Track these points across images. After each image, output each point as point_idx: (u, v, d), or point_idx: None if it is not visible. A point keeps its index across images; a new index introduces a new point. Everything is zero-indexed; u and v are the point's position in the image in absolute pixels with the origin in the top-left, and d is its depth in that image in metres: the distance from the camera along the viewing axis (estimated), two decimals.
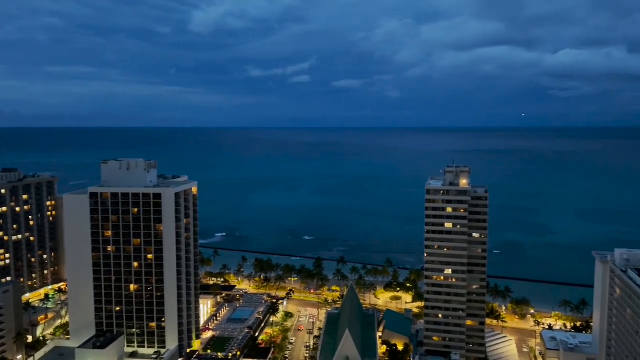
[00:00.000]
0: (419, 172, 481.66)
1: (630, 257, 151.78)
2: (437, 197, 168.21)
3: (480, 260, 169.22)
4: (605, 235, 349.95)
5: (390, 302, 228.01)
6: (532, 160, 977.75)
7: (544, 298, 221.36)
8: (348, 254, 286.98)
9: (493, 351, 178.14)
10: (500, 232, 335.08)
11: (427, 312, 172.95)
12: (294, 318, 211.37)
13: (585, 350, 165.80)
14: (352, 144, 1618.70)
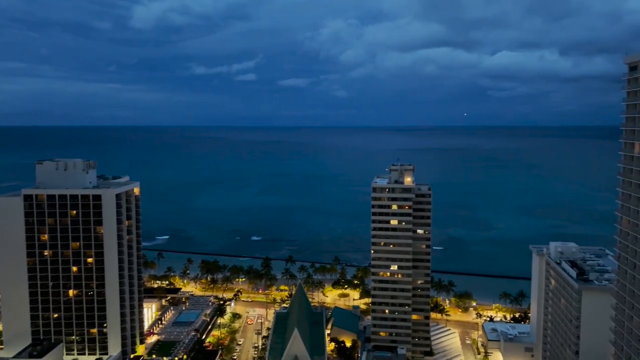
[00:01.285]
0: (366, 170, 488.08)
1: (563, 249, 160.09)
2: (382, 194, 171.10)
3: (425, 255, 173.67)
4: (541, 229, 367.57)
5: (339, 299, 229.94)
6: (472, 158, 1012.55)
7: (485, 291, 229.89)
8: (296, 253, 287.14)
9: (438, 344, 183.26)
10: (443, 228, 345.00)
11: (374, 308, 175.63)
12: (242, 319, 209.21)
13: (524, 339, 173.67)
14: (300, 142, 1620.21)
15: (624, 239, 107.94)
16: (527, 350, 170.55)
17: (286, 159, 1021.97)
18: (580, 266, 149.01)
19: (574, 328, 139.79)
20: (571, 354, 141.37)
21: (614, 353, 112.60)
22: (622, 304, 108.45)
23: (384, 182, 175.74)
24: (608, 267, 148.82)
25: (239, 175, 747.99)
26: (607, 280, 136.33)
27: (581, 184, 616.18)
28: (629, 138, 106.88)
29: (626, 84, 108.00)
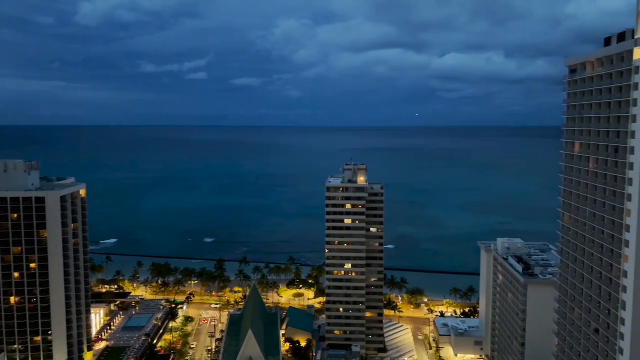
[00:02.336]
0: (319, 170, 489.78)
1: (510, 245, 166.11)
2: (336, 194, 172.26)
3: (378, 253, 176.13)
4: (488, 226, 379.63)
5: (293, 299, 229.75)
6: (423, 158, 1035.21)
7: (436, 287, 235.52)
8: (250, 254, 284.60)
9: (391, 341, 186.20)
10: (395, 226, 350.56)
11: (329, 306, 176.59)
12: (194, 322, 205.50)
13: (473, 333, 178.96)
14: (253, 142, 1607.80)
15: (566, 234, 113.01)
16: (477, 344, 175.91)
17: (239, 159, 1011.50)
18: (526, 261, 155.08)
19: (521, 321, 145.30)
20: (518, 346, 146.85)
21: (557, 344, 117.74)
22: (565, 296, 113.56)
23: (338, 181, 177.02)
24: (552, 261, 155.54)
25: (190, 175, 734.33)
26: (551, 274, 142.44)
27: (526, 182, 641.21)
28: (569, 138, 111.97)
29: (567, 86, 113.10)
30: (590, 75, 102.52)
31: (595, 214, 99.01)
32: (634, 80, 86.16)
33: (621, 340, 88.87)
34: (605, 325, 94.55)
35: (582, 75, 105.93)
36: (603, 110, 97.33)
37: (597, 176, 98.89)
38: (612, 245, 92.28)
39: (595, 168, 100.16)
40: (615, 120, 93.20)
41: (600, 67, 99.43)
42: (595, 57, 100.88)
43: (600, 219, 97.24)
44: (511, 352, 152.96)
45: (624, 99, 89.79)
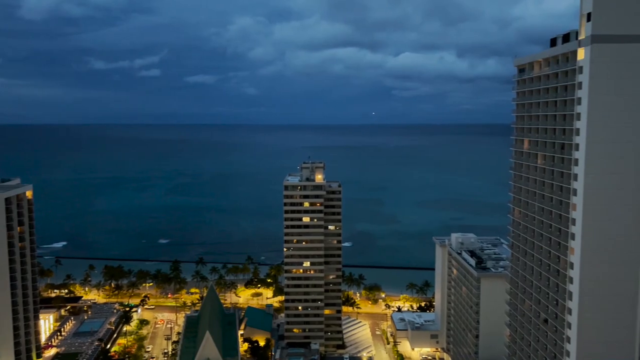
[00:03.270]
0: (277, 168, 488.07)
1: (464, 240, 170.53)
2: (294, 192, 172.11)
3: (336, 251, 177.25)
4: (443, 221, 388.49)
5: (252, 299, 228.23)
6: (380, 155, 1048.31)
7: (393, 282, 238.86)
8: (207, 255, 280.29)
9: (349, 337, 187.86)
10: (353, 224, 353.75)
11: (287, 305, 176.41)
12: (150, 325, 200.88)
13: (429, 327, 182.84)
14: (209, 140, 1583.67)
15: (516, 228, 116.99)
16: (433, 337, 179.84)
17: (194, 157, 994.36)
18: (479, 255, 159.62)
19: (474, 313, 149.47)
20: (472, 338, 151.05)
21: (509, 334, 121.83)
22: (516, 288, 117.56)
23: (296, 179, 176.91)
24: (503, 255, 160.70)
25: (143, 175, 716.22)
26: (503, 268, 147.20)
27: (479, 178, 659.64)
28: (519, 135, 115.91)
29: (516, 85, 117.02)
30: (538, 74, 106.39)
31: (544, 208, 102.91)
32: (577, 80, 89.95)
33: (568, 329, 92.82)
34: (554, 315, 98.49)
35: (530, 75, 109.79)
36: (550, 109, 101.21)
37: (545, 172, 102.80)
38: (559, 238, 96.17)
39: (543, 164, 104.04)
40: (561, 118, 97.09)
41: (546, 67, 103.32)
42: (542, 57, 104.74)
43: (548, 213, 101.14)
44: (466, 344, 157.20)
45: (568, 97, 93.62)
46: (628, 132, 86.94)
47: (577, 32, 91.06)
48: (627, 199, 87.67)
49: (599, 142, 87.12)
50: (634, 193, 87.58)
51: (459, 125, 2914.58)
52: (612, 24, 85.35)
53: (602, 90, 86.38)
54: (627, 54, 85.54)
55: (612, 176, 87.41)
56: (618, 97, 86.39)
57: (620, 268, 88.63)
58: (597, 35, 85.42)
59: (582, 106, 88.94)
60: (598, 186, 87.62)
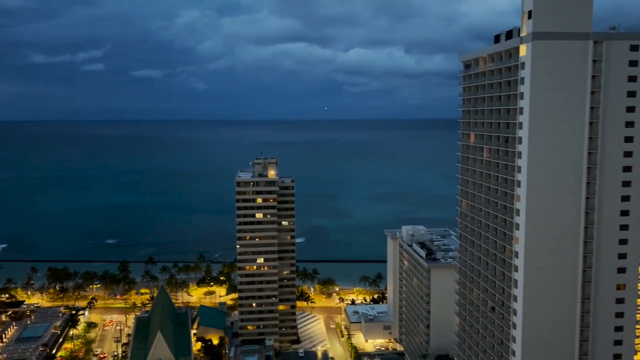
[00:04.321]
0: (229, 164, 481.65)
1: (414, 232, 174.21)
2: (247, 188, 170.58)
3: (290, 246, 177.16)
4: (394, 214, 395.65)
5: (204, 297, 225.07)
6: (332, 150, 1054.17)
7: (346, 276, 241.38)
8: (157, 254, 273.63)
9: (304, 331, 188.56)
10: (306, 219, 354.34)
11: (241, 302, 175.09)
12: (98, 328, 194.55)
13: (382, 319, 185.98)
14: (157, 136, 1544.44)
15: (463, 219, 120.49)
16: (386, 328, 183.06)
17: (142, 154, 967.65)
18: (429, 247, 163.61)
19: (425, 304, 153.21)
20: (423, 328, 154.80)
21: (459, 323, 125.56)
22: (464, 278, 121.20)
23: (248, 176, 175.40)
24: (452, 246, 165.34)
25: (88, 173, 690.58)
26: (452, 258, 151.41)
27: (428, 171, 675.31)
28: (465, 129, 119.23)
29: (462, 80, 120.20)
30: (483, 70, 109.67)
31: (490, 199, 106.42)
32: (520, 75, 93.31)
33: (514, 316, 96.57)
34: (500, 303, 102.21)
35: (475, 70, 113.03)
36: (494, 103, 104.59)
37: (491, 165, 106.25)
38: (505, 228, 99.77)
39: (488, 157, 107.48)
40: (505, 112, 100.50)
41: (491, 63, 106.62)
42: (486, 53, 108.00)
43: (494, 205, 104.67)
44: (417, 334, 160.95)
45: (512, 92, 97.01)
46: (567, 126, 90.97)
47: (520, 29, 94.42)
48: (568, 190, 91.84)
49: (540, 135, 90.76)
50: (574, 184, 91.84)
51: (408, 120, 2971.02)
52: (551, 21, 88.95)
53: (543, 86, 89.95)
54: (566, 51, 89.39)
55: (554, 168, 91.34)
56: (558, 92, 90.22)
57: (562, 256, 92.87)
58: (537, 32, 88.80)
59: (524, 101, 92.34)
60: (540, 178, 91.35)
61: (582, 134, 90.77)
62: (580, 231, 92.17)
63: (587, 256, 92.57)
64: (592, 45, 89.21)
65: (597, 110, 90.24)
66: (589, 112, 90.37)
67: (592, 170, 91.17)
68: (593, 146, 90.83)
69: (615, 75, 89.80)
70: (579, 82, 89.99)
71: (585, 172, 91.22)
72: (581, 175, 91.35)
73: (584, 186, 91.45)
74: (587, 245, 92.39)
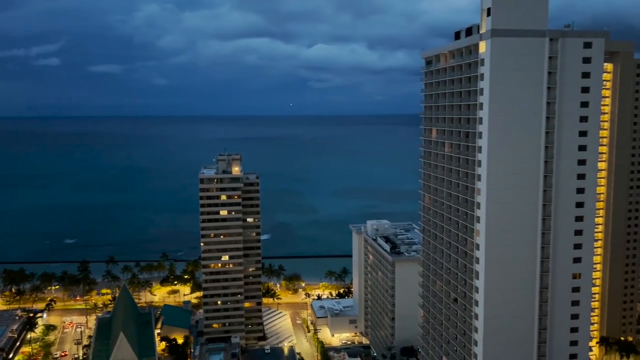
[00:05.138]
0: (192, 161, 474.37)
1: (378, 226, 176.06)
2: (210, 185, 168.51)
3: (255, 243, 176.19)
4: (359, 209, 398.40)
5: (168, 296, 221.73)
6: (297, 146, 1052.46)
7: (312, 271, 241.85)
8: (119, 254, 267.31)
9: (270, 328, 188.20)
10: (271, 215, 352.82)
11: (206, 300, 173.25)
12: (57, 330, 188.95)
13: (348, 313, 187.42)
14: (117, 133, 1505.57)
15: (426, 213, 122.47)
16: (352, 322, 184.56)
17: (102, 151, 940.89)
18: (393, 241, 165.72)
19: (390, 297, 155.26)
20: (388, 321, 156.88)
21: (423, 315, 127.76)
22: (427, 270, 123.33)
23: (212, 172, 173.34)
24: (415, 239, 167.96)
25: (44, 172, 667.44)
26: (415, 252, 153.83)
27: (392, 166, 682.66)
28: (427, 124, 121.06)
29: (424, 77, 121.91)
30: (444, 66, 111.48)
31: (451, 193, 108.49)
32: (480, 71, 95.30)
33: (476, 307, 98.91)
34: (462, 294, 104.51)
35: (437, 67, 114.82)
36: (455, 99, 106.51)
37: (452, 159, 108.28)
38: (466, 221, 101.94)
39: (450, 152, 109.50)
40: (465, 108, 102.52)
41: (452, 59, 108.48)
42: (447, 49, 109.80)
43: (455, 198, 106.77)
44: (383, 327, 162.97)
45: (472, 88, 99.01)
46: (525, 121, 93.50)
47: (479, 26, 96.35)
48: (526, 183, 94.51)
49: (499, 130, 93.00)
50: (532, 177, 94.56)
51: (372, 115, 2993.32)
52: (509, 19, 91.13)
53: (501, 81, 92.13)
54: (524, 48, 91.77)
55: (512, 162, 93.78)
56: (516, 87, 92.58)
57: (521, 248, 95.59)
58: (496, 29, 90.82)
59: (484, 96, 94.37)
60: (499, 172, 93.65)
61: (539, 129, 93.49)
62: (538, 223, 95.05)
63: (544, 247, 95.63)
64: (548, 42, 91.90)
65: (553, 105, 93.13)
66: (545, 107, 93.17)
67: (549, 163, 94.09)
68: (550, 140, 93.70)
69: (569, 71, 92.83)
70: (536, 78, 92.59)
71: (543, 166, 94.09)
72: (538, 168, 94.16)
73: (541, 179, 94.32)
74: (545, 237, 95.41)
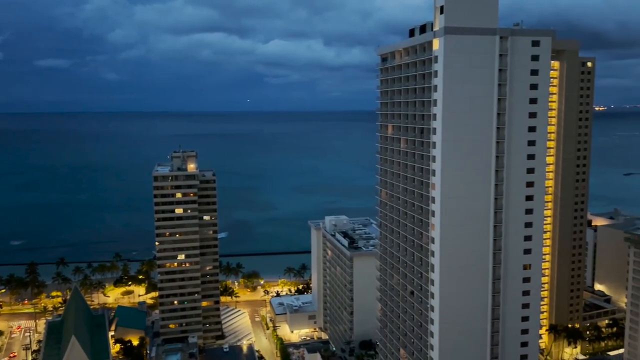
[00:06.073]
0: (145, 158, 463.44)
1: (337, 222, 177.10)
2: (165, 183, 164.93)
3: (212, 241, 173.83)
4: (318, 205, 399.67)
5: (122, 297, 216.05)
6: (254, 143, 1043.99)
7: (271, 268, 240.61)
8: (69, 255, 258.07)
9: (229, 326, 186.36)
10: (229, 213, 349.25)
11: (162, 300, 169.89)
12: (4, 335, 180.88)
13: (307, 309, 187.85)
14: (66, 130, 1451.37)
15: (383, 208, 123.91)
16: (311, 318, 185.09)
17: (50, 149, 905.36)
18: (351, 236, 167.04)
19: (349, 292, 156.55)
20: (347, 315, 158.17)
21: (380, 309, 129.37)
22: (385, 265, 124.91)
23: (166, 170, 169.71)
24: (373, 234, 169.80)
25: None
26: (373, 246, 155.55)
27: (350, 162, 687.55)
28: (383, 121, 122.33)
29: (379, 73, 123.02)
30: (399, 63, 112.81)
31: (407, 188, 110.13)
32: (434, 69, 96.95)
33: (432, 299, 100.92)
34: (419, 287, 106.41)
35: (392, 64, 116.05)
36: (410, 96, 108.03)
37: (407, 155, 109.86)
38: (422, 215, 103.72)
39: (405, 148, 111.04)
40: (420, 104, 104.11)
41: (406, 56, 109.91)
42: (402, 46, 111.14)
43: (411, 193, 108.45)
44: (341, 321, 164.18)
45: (426, 85, 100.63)
46: (478, 117, 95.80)
47: (433, 23, 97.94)
48: (479, 178, 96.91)
49: (452, 126, 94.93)
50: (484, 172, 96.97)
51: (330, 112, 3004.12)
52: (462, 17, 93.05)
53: (454, 78, 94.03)
54: (476, 45, 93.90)
55: (465, 157, 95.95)
56: (468, 84, 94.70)
57: (475, 240, 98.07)
58: (449, 27, 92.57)
59: (437, 93, 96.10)
60: (453, 167, 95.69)
61: (490, 125, 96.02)
62: (491, 216, 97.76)
63: (496, 239, 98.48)
64: (499, 40, 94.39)
65: (504, 102, 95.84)
66: (496, 103, 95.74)
67: (500, 158, 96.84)
68: (501, 136, 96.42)
69: (519, 68, 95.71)
70: (488, 75, 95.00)
71: (494, 161, 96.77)
72: (490, 163, 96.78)
73: (493, 174, 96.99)
74: (497, 229, 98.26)
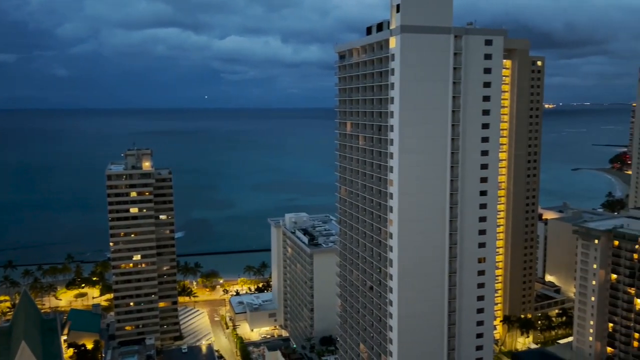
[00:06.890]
0: (97, 157, 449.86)
1: (297, 219, 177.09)
2: (119, 182, 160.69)
3: (169, 241, 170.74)
4: (277, 203, 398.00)
5: (75, 300, 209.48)
6: (212, 140, 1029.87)
7: (230, 267, 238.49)
8: (18, 257, 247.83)
9: (187, 327, 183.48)
10: (186, 212, 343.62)
11: (118, 302, 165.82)
12: None
13: (267, 307, 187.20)
14: (11, 128, 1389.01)
15: (342, 205, 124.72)
16: (271, 316, 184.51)
17: None
18: (311, 233, 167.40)
19: (309, 288, 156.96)
20: (307, 312, 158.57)
21: (341, 304, 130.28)
22: (344, 261, 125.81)
23: (120, 168, 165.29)
24: (332, 230, 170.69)
25: None
26: (332, 243, 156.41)
27: (309, 160, 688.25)
28: (342, 118, 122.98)
29: (337, 71, 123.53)
30: (357, 61, 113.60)
31: (366, 185, 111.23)
32: (390, 66, 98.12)
33: (390, 294, 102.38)
34: (378, 282, 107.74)
35: (350, 61, 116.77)
36: (368, 93, 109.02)
37: (366, 152, 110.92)
38: (380, 211, 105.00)
39: (364, 145, 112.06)
40: (377, 102, 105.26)
41: (364, 54, 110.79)
42: (359, 44, 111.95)
43: (369, 190, 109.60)
44: (302, 318, 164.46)
45: (383, 82, 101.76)
46: (433, 114, 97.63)
47: (389, 22, 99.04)
48: (435, 174, 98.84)
49: (409, 123, 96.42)
50: (440, 168, 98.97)
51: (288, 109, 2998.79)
52: (417, 15, 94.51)
53: (411, 76, 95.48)
54: (431, 44, 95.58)
55: (422, 154, 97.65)
56: (424, 82, 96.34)
57: (431, 235, 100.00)
58: (405, 25, 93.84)
59: (394, 91, 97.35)
60: (410, 163, 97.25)
61: (446, 122, 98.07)
62: (446, 211, 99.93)
63: (452, 234, 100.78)
64: (453, 39, 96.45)
65: (459, 99, 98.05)
66: (451, 101, 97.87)
67: (455, 155, 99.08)
68: (456, 133, 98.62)
69: (473, 67, 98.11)
70: (443, 73, 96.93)
71: (449, 157, 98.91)
72: (446, 160, 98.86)
73: (448, 170, 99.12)
74: (453, 224, 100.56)
